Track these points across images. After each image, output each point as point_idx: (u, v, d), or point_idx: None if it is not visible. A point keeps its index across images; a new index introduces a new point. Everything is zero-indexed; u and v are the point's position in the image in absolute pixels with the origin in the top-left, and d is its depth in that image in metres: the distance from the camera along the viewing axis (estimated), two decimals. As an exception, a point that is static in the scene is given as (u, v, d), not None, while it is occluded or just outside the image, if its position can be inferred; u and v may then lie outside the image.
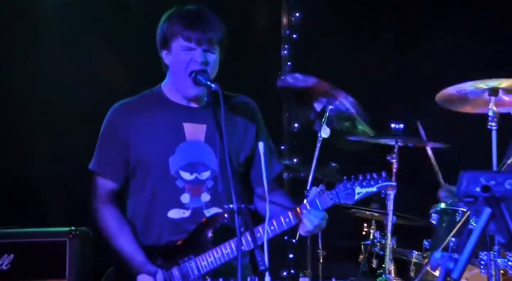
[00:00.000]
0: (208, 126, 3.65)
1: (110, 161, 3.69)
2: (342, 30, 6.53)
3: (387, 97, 6.11)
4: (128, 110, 3.72)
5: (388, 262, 4.79)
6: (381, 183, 3.61)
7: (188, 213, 3.62)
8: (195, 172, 3.63)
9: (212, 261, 3.53)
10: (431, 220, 4.92)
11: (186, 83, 3.60)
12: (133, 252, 3.58)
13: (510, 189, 2.56)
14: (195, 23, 3.60)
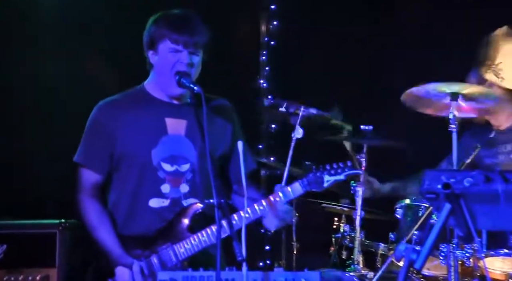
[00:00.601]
0: (188, 121, 3.67)
1: (96, 154, 3.68)
2: (317, 38, 6.54)
3: (359, 99, 6.12)
4: (113, 106, 3.73)
5: (356, 254, 4.82)
6: (348, 171, 3.66)
7: (168, 203, 3.63)
8: (175, 164, 3.64)
9: (189, 248, 3.54)
10: (396, 214, 4.94)
11: (171, 83, 3.62)
12: (111, 244, 3.58)
13: (468, 186, 2.59)
14: (182, 27, 3.63)
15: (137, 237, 3.61)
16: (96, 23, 6.09)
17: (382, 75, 6.25)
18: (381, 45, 6.44)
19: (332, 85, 6.34)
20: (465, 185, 2.59)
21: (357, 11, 6.46)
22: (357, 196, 4.87)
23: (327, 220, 5.31)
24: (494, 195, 2.54)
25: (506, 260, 4.62)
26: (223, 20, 6.37)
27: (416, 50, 6.20)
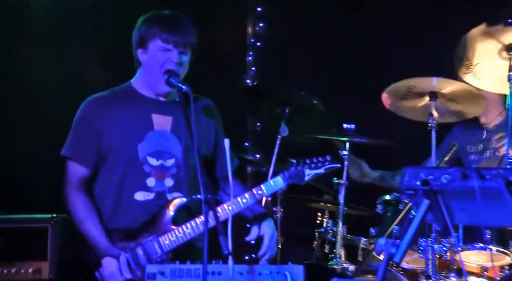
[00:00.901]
0: (174, 118, 3.66)
1: (83, 148, 3.66)
2: (302, 39, 6.54)
3: (343, 98, 6.13)
4: (101, 102, 3.71)
5: (339, 248, 4.82)
6: (327, 165, 3.68)
7: (152, 196, 3.62)
8: (161, 158, 3.63)
9: (174, 240, 3.54)
10: (377, 210, 4.96)
11: (159, 80, 3.62)
12: (98, 237, 3.56)
13: (446, 183, 2.60)
14: (173, 27, 3.62)
15: (123, 230, 3.60)
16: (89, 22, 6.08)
17: (366, 74, 6.25)
18: (365, 44, 6.46)
19: (317, 85, 6.34)
20: (442, 181, 2.61)
21: (340, 12, 6.47)
22: (340, 193, 4.89)
23: (311, 215, 5.31)
24: (471, 191, 2.55)
25: (481, 253, 4.64)
26: (211, 22, 6.37)
27: (399, 49, 6.22)
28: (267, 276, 3.21)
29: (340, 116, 5.15)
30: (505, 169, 2.77)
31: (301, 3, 6.53)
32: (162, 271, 3.23)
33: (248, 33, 6.79)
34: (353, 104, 5.79)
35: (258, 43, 6.78)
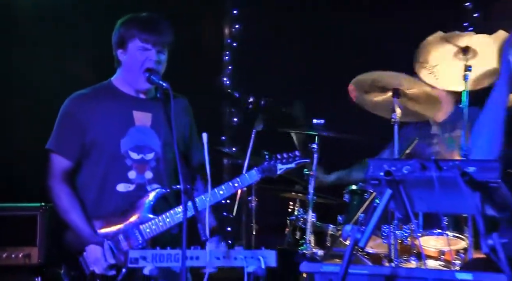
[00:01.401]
0: (153, 114, 3.65)
1: (66, 142, 3.63)
2: (275, 39, 6.56)
3: (313, 94, 6.15)
4: (84, 99, 3.68)
5: (309, 234, 4.83)
6: (298, 160, 3.70)
7: (133, 187, 3.60)
8: (141, 153, 3.62)
9: (154, 228, 3.53)
10: (344, 199, 4.99)
11: (139, 78, 3.60)
12: (82, 225, 3.54)
13: (407, 173, 2.61)
14: (151, 27, 3.60)
15: (105, 218, 3.58)
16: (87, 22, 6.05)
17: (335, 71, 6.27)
18: (333, 44, 6.48)
19: (289, 82, 6.37)
20: (404, 172, 2.61)
21: (310, 12, 6.49)
22: (310, 183, 4.91)
23: (283, 204, 5.33)
24: (429, 181, 2.56)
25: (439, 238, 4.69)
26: (190, 24, 6.36)
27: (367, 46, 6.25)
28: (242, 260, 3.21)
29: (310, 111, 5.17)
30: (461, 160, 2.80)
31: (273, 6, 6.54)
32: (144, 256, 3.22)
33: (225, 34, 6.80)
34: (322, 100, 5.80)
35: (234, 43, 6.79)
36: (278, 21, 6.55)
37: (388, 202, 2.64)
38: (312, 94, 6.15)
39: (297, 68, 6.45)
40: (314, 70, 6.41)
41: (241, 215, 5.22)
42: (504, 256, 2.42)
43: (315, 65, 6.41)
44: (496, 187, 2.51)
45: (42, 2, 5.98)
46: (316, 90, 6.26)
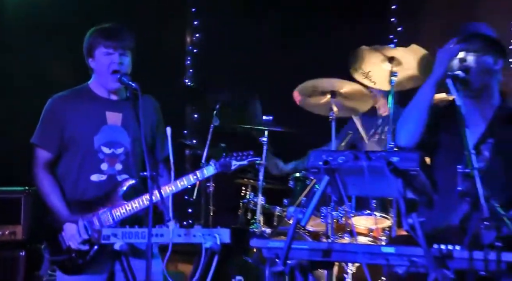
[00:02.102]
0: (124, 114, 3.61)
1: (48, 137, 3.60)
2: (231, 46, 6.56)
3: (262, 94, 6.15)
4: (64, 100, 3.63)
5: (258, 215, 4.83)
6: (250, 158, 3.70)
7: (105, 177, 3.57)
8: (112, 148, 3.58)
9: (124, 212, 3.51)
10: (289, 185, 5.00)
11: (108, 79, 3.56)
12: (61, 207, 3.52)
13: (342, 163, 2.64)
14: (112, 35, 3.57)
15: (81, 203, 3.55)
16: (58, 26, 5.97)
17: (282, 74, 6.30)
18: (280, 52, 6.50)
19: (244, 84, 6.37)
20: (339, 162, 2.63)
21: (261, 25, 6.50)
22: (260, 171, 4.93)
23: (237, 189, 5.33)
24: (360, 169, 2.59)
25: (368, 218, 4.73)
26: (157, 33, 6.35)
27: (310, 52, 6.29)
28: (200, 237, 3.21)
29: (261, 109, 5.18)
30: (386, 151, 2.84)
31: (229, 18, 6.54)
32: (115, 233, 3.21)
33: (187, 42, 6.79)
34: (271, 99, 5.81)
35: (195, 50, 6.77)
36: (232, 31, 6.54)
37: (326, 187, 2.66)
38: (263, 94, 6.16)
39: (249, 72, 6.46)
40: (264, 73, 6.43)
41: (200, 198, 5.21)
42: (422, 232, 2.46)
43: (265, 69, 6.43)
44: (415, 174, 2.56)
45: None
46: (266, 91, 6.27)
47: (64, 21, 5.93)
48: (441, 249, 2.46)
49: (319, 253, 2.68)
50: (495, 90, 3.07)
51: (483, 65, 3.00)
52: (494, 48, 3.02)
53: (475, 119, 3.00)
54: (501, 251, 2.36)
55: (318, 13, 6.46)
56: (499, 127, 2.99)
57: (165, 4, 6.51)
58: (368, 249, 2.67)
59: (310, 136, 5.10)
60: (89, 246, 3.45)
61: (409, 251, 2.53)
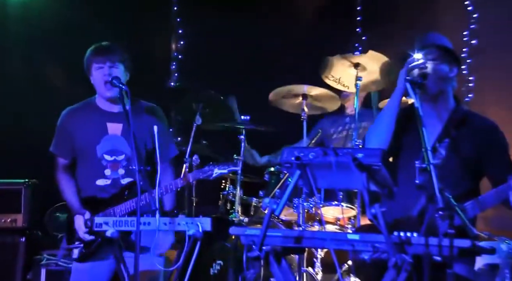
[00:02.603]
0: (124, 125, 3.69)
1: (61, 147, 3.77)
2: (212, 53, 6.54)
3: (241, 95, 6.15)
4: (72, 113, 3.78)
5: (237, 205, 4.83)
6: (230, 167, 3.73)
7: (109, 182, 3.68)
8: (114, 155, 3.68)
9: (125, 208, 3.60)
10: (265, 178, 5.01)
11: (103, 90, 3.65)
12: (74, 202, 3.65)
13: (312, 158, 2.64)
14: (101, 51, 3.67)
15: (91, 203, 3.66)
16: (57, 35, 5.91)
17: (259, 78, 6.31)
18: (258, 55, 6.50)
19: (222, 86, 6.36)
20: (310, 157, 2.64)
21: (240, 33, 6.51)
22: (238, 165, 4.92)
23: (218, 182, 5.30)
24: (329, 164, 2.60)
25: (336, 208, 4.76)
26: (145, 41, 6.35)
27: (285, 58, 6.29)
28: (184, 225, 3.20)
29: (239, 109, 5.17)
30: (352, 148, 2.85)
31: (210, 27, 6.53)
32: (107, 221, 3.20)
33: (172, 49, 6.77)
34: (249, 100, 5.80)
35: (179, 56, 6.75)
36: (213, 39, 6.54)
37: (298, 180, 2.67)
38: (240, 95, 6.16)
39: (229, 75, 6.45)
40: (242, 77, 6.43)
41: (184, 190, 5.17)
42: (383, 221, 2.48)
43: (243, 73, 6.43)
44: (378, 169, 2.58)
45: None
46: (244, 93, 6.26)
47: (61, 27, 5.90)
48: (401, 236, 2.48)
49: (291, 240, 2.68)
50: (450, 95, 3.10)
51: (439, 73, 3.02)
52: (450, 57, 3.04)
53: (433, 121, 3.03)
54: (454, 238, 2.38)
55: (293, 24, 6.50)
56: (453, 128, 3.02)
57: (152, 15, 6.50)
58: (335, 236, 2.68)
59: (284, 134, 5.12)
60: (94, 237, 3.50)
61: (372, 238, 2.54)
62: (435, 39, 3.07)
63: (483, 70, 5.92)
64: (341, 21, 6.43)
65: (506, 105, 5.69)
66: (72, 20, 6.03)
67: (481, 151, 2.97)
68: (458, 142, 2.97)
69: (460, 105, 3.10)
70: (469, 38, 5.91)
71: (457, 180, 2.95)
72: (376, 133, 3.05)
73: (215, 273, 4.49)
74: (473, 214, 2.84)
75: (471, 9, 5.93)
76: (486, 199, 2.84)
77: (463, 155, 2.95)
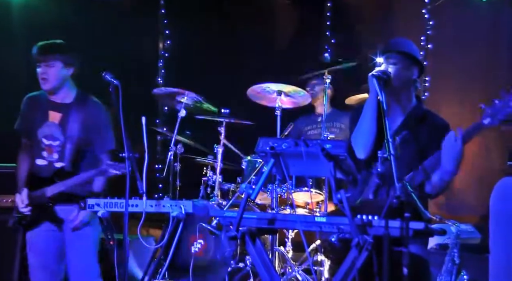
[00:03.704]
0: (63, 114, 3.70)
1: (21, 126, 3.80)
2: (195, 51, 6.52)
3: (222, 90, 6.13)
4: (30, 100, 3.80)
5: (216, 190, 4.82)
6: (122, 170, 3.47)
7: (46, 163, 3.69)
8: (50, 140, 3.68)
9: (54, 189, 3.60)
10: (242, 166, 5.00)
11: (40, 84, 3.68)
12: (18, 180, 3.73)
13: (285, 148, 2.65)
14: (39, 51, 3.67)
15: (34, 180, 3.68)
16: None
17: (238, 74, 6.30)
18: (238, 57, 6.49)
19: (205, 81, 6.34)
20: (283, 147, 2.65)
21: (222, 34, 6.49)
22: (218, 154, 4.91)
23: (199, 168, 5.28)
24: (300, 154, 2.61)
25: (305, 194, 4.77)
26: (134, 40, 6.29)
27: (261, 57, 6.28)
28: (169, 208, 3.19)
29: (219, 103, 5.15)
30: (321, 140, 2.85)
31: (194, 28, 6.50)
32: (98, 203, 3.18)
33: (160, 47, 6.73)
34: (229, 94, 5.78)
35: (166, 54, 6.70)
36: (197, 38, 6.52)
37: (272, 168, 2.68)
38: (221, 90, 6.13)
39: (211, 72, 6.44)
40: (222, 73, 6.43)
41: (169, 175, 5.12)
42: (348, 205, 2.50)
43: (223, 70, 6.43)
44: (344, 158, 2.59)
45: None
46: (224, 87, 6.24)
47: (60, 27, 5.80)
48: (363, 219, 2.49)
49: (265, 221, 2.69)
50: (413, 95, 3.07)
51: (402, 75, 2.99)
52: (410, 61, 3.02)
53: (395, 114, 3.02)
54: (409, 221, 2.41)
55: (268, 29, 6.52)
56: (412, 122, 3.01)
57: (141, 16, 6.43)
58: (305, 219, 2.69)
59: (260, 127, 5.10)
60: (30, 211, 3.61)
61: (338, 220, 2.55)
62: (397, 45, 3.05)
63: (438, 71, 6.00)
64: (311, 26, 6.48)
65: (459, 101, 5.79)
66: (70, 22, 5.94)
67: (429, 145, 2.94)
68: (415, 135, 2.97)
69: (420, 103, 3.10)
70: (425, 43, 5.97)
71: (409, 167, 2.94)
72: (360, 144, 2.91)
73: (195, 251, 4.48)
74: (419, 180, 2.82)
75: (427, 17, 6.00)
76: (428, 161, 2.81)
77: (417, 147, 2.95)
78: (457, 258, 3.90)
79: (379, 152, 2.62)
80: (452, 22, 5.96)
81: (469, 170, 5.60)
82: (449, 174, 2.75)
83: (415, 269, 2.40)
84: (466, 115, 5.45)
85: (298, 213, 4.54)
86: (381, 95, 2.78)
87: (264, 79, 4.81)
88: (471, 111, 5.43)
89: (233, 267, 4.44)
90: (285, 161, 2.67)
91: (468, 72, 5.85)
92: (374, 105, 2.92)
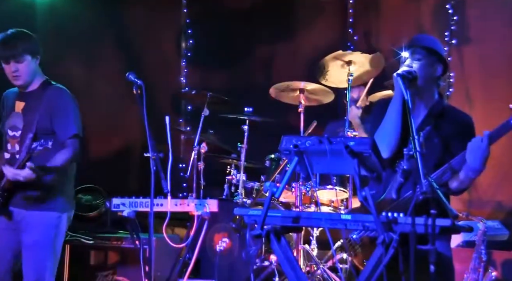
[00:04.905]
0: (26, 103, 3.58)
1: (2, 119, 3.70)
2: (217, 50, 6.53)
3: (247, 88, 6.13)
4: (6, 94, 3.70)
5: (240, 188, 4.84)
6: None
7: (9, 156, 3.57)
8: (14, 131, 3.58)
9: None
10: (265, 164, 5.00)
11: (13, 82, 3.57)
12: None
13: (309, 146, 2.63)
14: (3, 46, 3.50)
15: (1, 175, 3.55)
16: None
17: (261, 73, 6.30)
18: (258, 57, 6.49)
19: (229, 81, 6.36)
20: (306, 145, 2.63)
21: (241, 33, 6.47)
22: (242, 153, 4.91)
23: (223, 167, 5.30)
24: (324, 151, 2.59)
25: (330, 192, 4.76)
26: (157, 41, 6.33)
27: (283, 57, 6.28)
28: (193, 206, 3.20)
29: (243, 102, 5.16)
30: (345, 137, 2.83)
31: (216, 27, 6.49)
32: (124, 202, 3.19)
33: (182, 47, 6.77)
34: (252, 94, 5.77)
35: (189, 53, 6.74)
36: (219, 38, 6.52)
37: (295, 166, 2.66)
38: (244, 88, 6.14)
39: (233, 71, 6.45)
40: (245, 72, 6.44)
41: (193, 175, 5.15)
42: (372, 203, 2.47)
43: (246, 69, 6.44)
44: (368, 156, 2.56)
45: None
46: (247, 86, 6.25)
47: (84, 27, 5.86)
48: (388, 216, 2.47)
49: (289, 219, 2.67)
50: (436, 92, 3.03)
51: (425, 72, 2.95)
52: (434, 57, 2.97)
53: (418, 110, 2.99)
54: (436, 218, 2.37)
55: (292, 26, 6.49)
56: (433, 118, 2.97)
57: (164, 17, 6.49)
58: (330, 216, 2.67)
59: (283, 124, 5.10)
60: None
61: (363, 218, 2.52)
62: (422, 40, 3.01)
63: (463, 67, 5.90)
64: (333, 25, 6.45)
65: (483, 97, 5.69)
66: (93, 23, 6.01)
67: (453, 140, 2.89)
68: (437, 130, 2.93)
69: (442, 99, 3.06)
70: (449, 38, 5.88)
71: (434, 163, 2.89)
72: (384, 144, 2.85)
73: (221, 249, 4.49)
74: (446, 178, 2.78)
75: (451, 12, 5.93)
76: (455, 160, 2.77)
77: (441, 142, 2.91)
78: (484, 255, 3.84)
79: (404, 149, 2.59)
80: (475, 18, 5.87)
81: (496, 166, 5.49)
82: (475, 172, 2.72)
83: (439, 266, 2.36)
84: (491, 111, 5.35)
85: (322, 211, 4.53)
86: (407, 95, 2.74)
87: (287, 78, 4.81)
88: (497, 107, 5.33)
89: (258, 265, 4.44)
90: (309, 159, 2.64)
91: (493, 68, 5.75)
92: (399, 105, 2.88)
